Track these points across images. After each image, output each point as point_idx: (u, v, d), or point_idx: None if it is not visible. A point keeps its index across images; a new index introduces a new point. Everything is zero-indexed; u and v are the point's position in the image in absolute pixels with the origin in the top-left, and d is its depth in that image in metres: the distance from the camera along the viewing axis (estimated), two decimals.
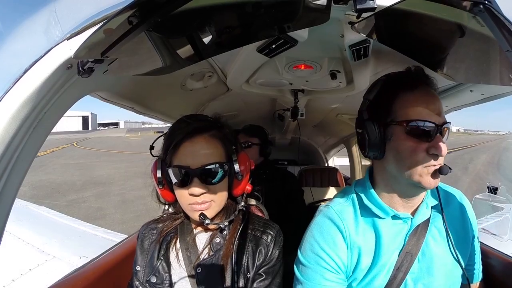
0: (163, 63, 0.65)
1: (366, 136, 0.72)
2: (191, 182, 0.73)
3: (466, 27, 0.54)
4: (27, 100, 0.57)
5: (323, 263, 0.73)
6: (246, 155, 0.83)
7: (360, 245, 0.74)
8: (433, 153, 0.66)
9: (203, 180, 0.74)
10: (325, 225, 0.76)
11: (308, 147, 4.03)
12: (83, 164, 13.92)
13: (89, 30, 0.55)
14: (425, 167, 0.67)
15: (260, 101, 1.99)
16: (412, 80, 0.71)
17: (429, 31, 0.62)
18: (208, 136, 0.76)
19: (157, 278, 0.80)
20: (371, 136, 0.71)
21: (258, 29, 0.61)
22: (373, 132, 0.71)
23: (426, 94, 0.70)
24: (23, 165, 0.64)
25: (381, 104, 0.73)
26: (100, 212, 6.79)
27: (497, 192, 3.01)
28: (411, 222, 0.75)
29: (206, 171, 0.73)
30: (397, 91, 0.71)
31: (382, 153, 0.72)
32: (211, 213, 0.77)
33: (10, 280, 1.65)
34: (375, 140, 0.71)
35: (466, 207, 0.83)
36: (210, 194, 0.75)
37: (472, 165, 14.31)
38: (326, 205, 0.82)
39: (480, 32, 0.51)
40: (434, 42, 0.66)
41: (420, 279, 0.73)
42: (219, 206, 0.79)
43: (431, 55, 0.70)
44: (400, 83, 0.72)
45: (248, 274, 0.79)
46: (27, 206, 3.09)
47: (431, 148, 0.66)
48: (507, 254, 1.17)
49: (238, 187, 0.81)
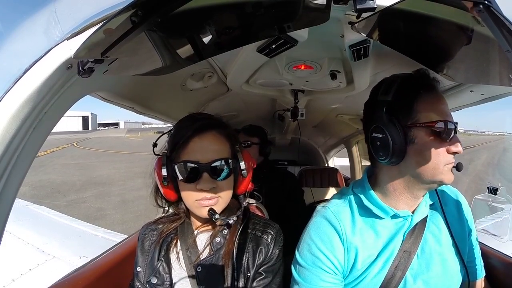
0: (163, 63, 0.65)
1: (390, 141, 0.67)
2: (201, 178, 0.74)
3: (466, 27, 0.54)
4: (27, 100, 0.57)
5: (320, 264, 0.74)
6: (249, 154, 0.85)
7: (357, 245, 0.74)
8: (454, 151, 0.68)
9: (212, 175, 0.74)
10: (322, 226, 0.77)
11: (308, 147, 4.03)
12: (83, 164, 13.92)
13: (89, 30, 0.55)
14: (445, 165, 0.68)
15: (260, 101, 1.99)
16: (431, 81, 0.72)
17: (429, 31, 0.62)
18: (216, 133, 0.78)
19: (157, 279, 0.80)
20: (397, 141, 0.67)
21: (258, 29, 0.61)
22: (398, 136, 0.67)
23: (441, 95, 0.71)
24: (23, 165, 0.64)
25: (401, 106, 0.70)
26: (100, 212, 6.79)
27: (497, 193, 3.01)
28: (411, 219, 0.75)
29: (215, 166, 0.74)
30: (419, 92, 0.70)
31: (402, 157, 0.69)
32: (218, 209, 0.77)
33: (10, 280, 1.66)
34: (401, 145, 0.67)
35: (462, 204, 0.84)
36: (218, 189, 0.76)
37: (472, 166, 14.31)
38: (323, 205, 0.82)
39: (480, 32, 0.51)
40: (434, 42, 0.66)
41: (420, 275, 0.74)
42: (225, 202, 0.80)
43: (431, 55, 0.70)
44: (421, 83, 0.71)
45: (248, 273, 0.80)
46: (27, 206, 3.09)
47: (451, 146, 0.68)
48: (507, 254, 1.17)
49: (242, 184, 0.82)
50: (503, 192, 3.08)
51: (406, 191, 0.74)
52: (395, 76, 0.75)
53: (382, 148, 0.70)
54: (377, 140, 0.71)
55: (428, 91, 0.70)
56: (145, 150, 0.91)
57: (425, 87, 0.70)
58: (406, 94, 0.70)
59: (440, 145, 0.67)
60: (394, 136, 0.67)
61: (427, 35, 0.64)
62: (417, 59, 0.70)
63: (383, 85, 0.74)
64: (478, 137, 58.33)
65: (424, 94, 0.69)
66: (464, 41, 0.58)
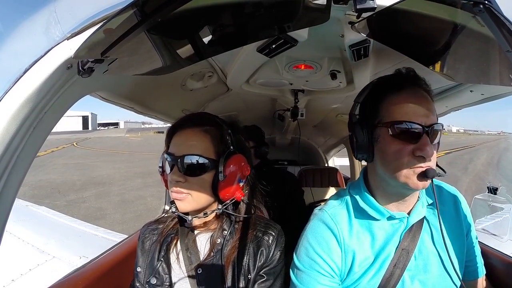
0: (163, 63, 0.65)
1: (354, 138, 0.73)
2: (172, 170, 0.76)
3: (466, 27, 0.54)
4: (27, 100, 0.57)
5: (318, 267, 0.74)
6: (241, 160, 0.80)
7: (354, 248, 0.74)
8: (419, 155, 0.65)
9: (181, 169, 0.74)
10: (319, 229, 0.77)
11: (308, 147, 4.03)
12: (83, 164, 13.91)
13: (89, 30, 0.55)
14: (410, 168, 0.66)
15: (260, 101, 1.99)
16: (399, 81, 0.71)
17: (429, 31, 0.62)
18: (199, 131, 0.78)
19: (157, 279, 0.80)
20: (359, 138, 0.72)
21: (258, 29, 0.61)
22: (360, 135, 0.72)
23: (413, 95, 0.69)
24: (23, 165, 0.64)
25: (369, 107, 0.74)
26: (100, 212, 6.79)
27: (497, 193, 3.01)
28: (407, 221, 0.75)
29: (184, 161, 0.74)
30: (384, 93, 0.71)
31: (371, 156, 0.73)
32: (186, 206, 0.76)
33: (10, 280, 1.65)
34: (363, 142, 0.72)
35: (460, 203, 0.84)
36: (187, 185, 0.75)
37: (472, 165, 14.32)
38: (320, 208, 0.82)
39: (480, 32, 0.51)
40: (434, 42, 0.66)
41: (417, 276, 0.74)
42: (196, 202, 0.76)
43: (431, 55, 0.70)
44: (387, 84, 0.73)
45: (249, 275, 0.79)
46: (27, 206, 3.09)
47: (416, 150, 0.65)
48: (507, 254, 1.17)
49: (223, 189, 0.77)
50: (503, 192, 3.08)
51: (386, 192, 0.75)
52: (377, 78, 0.78)
53: (352, 146, 0.76)
54: (350, 138, 0.77)
55: (395, 91, 0.70)
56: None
57: (391, 87, 0.71)
58: (374, 95, 0.73)
59: (402, 146, 0.66)
60: (357, 134, 0.72)
61: (427, 35, 0.64)
62: (417, 59, 0.70)
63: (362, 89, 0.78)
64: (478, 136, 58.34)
65: (390, 95, 0.70)
66: (464, 41, 0.58)
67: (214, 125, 0.80)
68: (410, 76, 0.72)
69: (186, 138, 0.78)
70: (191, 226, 0.84)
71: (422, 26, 0.60)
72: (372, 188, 0.78)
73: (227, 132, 0.80)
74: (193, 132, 0.78)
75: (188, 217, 0.78)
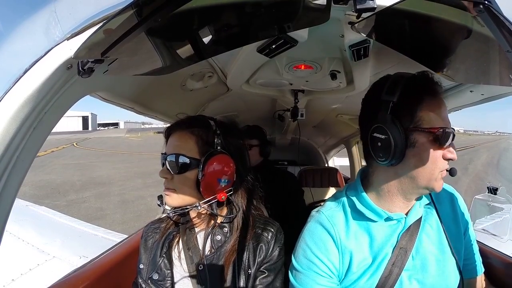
0: (163, 63, 0.65)
1: (393, 143, 0.66)
2: (162, 167, 0.83)
3: (466, 27, 0.54)
4: (27, 100, 0.57)
5: (316, 268, 0.74)
6: (223, 160, 0.81)
7: (352, 248, 0.74)
8: (449, 158, 0.68)
9: (168, 167, 0.81)
10: (316, 231, 0.77)
11: (308, 147, 4.03)
12: (83, 164, 13.92)
13: (89, 30, 0.55)
14: (440, 171, 0.68)
15: (260, 101, 1.99)
16: (435, 85, 0.70)
17: (429, 31, 0.62)
18: (186, 132, 0.83)
19: (159, 275, 0.82)
20: (399, 143, 0.66)
21: (258, 29, 0.61)
22: (400, 138, 0.66)
23: (443, 100, 0.70)
24: (23, 165, 0.64)
25: (405, 108, 0.69)
26: (100, 212, 6.79)
27: (497, 193, 3.01)
28: (405, 221, 0.75)
29: (169, 159, 0.81)
30: (422, 96, 0.68)
31: (400, 160, 0.68)
32: (172, 201, 0.82)
33: (10, 280, 1.66)
34: (401, 147, 0.67)
35: (456, 201, 0.84)
36: (173, 182, 0.82)
37: (472, 166, 14.32)
38: (317, 210, 0.82)
39: (480, 32, 0.51)
40: (434, 42, 0.66)
41: (415, 276, 0.74)
42: (181, 198, 0.81)
43: (431, 55, 0.70)
44: (425, 87, 0.70)
45: (249, 270, 0.81)
46: (27, 206, 3.09)
47: (447, 153, 0.67)
48: (507, 254, 1.17)
49: (204, 188, 0.79)
50: (503, 192, 3.08)
51: (399, 194, 0.74)
52: (399, 75, 0.72)
53: (382, 149, 0.69)
54: (378, 140, 0.69)
55: (432, 95, 0.69)
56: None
57: (429, 91, 0.69)
58: (410, 97, 0.69)
59: (437, 151, 0.67)
60: (397, 138, 0.66)
61: (427, 35, 0.64)
62: (417, 59, 0.70)
63: (388, 83, 0.71)
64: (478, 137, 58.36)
65: (427, 98, 0.69)
66: (464, 41, 0.58)
67: (202, 127, 0.84)
68: (436, 82, 0.71)
69: (174, 139, 0.84)
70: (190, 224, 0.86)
71: (422, 26, 0.60)
72: (373, 190, 0.77)
73: (216, 134, 0.83)
74: (181, 134, 0.84)
75: (167, 208, 0.84)
